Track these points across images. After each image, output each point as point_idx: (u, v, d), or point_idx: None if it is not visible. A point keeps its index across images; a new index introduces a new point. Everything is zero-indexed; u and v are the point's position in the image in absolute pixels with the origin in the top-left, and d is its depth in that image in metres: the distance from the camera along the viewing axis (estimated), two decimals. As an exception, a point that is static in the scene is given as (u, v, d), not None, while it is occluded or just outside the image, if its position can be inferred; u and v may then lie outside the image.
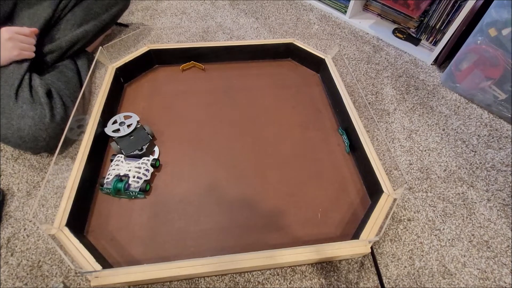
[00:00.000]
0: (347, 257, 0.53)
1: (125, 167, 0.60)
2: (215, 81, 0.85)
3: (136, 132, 0.67)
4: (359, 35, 1.06)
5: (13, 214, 0.59)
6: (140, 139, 0.66)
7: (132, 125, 0.68)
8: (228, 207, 0.60)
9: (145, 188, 0.59)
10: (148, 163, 0.62)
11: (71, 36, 0.78)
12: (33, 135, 0.62)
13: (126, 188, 0.58)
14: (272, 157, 0.68)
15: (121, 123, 0.68)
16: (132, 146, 0.64)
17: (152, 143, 0.67)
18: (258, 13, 1.14)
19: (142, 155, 0.64)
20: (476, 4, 0.78)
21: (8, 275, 0.51)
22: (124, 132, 0.66)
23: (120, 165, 0.61)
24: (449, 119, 0.80)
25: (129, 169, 0.60)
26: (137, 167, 0.61)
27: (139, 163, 0.62)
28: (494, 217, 0.62)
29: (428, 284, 0.53)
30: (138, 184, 0.59)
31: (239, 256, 0.47)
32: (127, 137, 0.66)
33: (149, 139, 0.66)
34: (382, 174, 0.58)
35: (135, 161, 0.62)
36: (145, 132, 0.67)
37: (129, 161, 0.62)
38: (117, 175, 0.59)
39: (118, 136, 0.66)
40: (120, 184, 0.57)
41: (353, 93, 0.84)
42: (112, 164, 0.61)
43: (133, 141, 0.65)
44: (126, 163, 0.61)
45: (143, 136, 0.66)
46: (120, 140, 0.65)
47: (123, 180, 0.58)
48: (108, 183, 0.58)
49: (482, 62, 0.78)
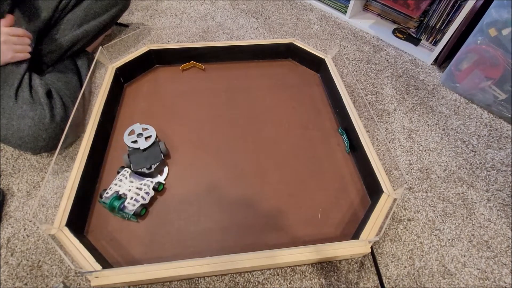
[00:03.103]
0: (347, 257, 0.53)
1: (127, 185, 0.58)
2: (215, 81, 0.85)
3: (150, 148, 0.64)
4: (359, 35, 1.06)
5: (13, 214, 0.59)
6: (152, 157, 0.62)
7: (150, 138, 0.65)
8: (228, 207, 0.60)
9: (140, 213, 0.56)
10: (151, 186, 0.58)
11: (71, 36, 0.78)
12: (33, 135, 0.62)
13: (120, 208, 0.55)
14: (272, 157, 0.68)
15: (139, 134, 0.66)
16: (142, 162, 0.61)
17: (163, 162, 0.63)
18: (258, 13, 1.14)
19: (149, 174, 0.60)
20: (476, 4, 0.78)
21: (8, 275, 0.51)
22: (141, 144, 0.63)
23: (123, 181, 0.58)
24: (449, 119, 0.80)
25: (129, 188, 0.57)
26: (138, 187, 0.58)
27: (141, 183, 0.58)
28: (494, 217, 0.62)
29: (428, 284, 0.53)
30: (133, 207, 0.55)
31: (239, 256, 0.47)
32: (140, 151, 0.63)
33: (160, 158, 0.62)
34: (382, 174, 0.58)
35: (139, 180, 0.59)
36: (158, 149, 0.64)
37: (134, 178, 0.59)
38: (116, 191, 0.56)
39: (132, 148, 0.63)
40: (117, 203, 0.54)
41: (353, 93, 0.84)
42: (116, 178, 0.59)
43: (145, 157, 0.62)
44: (129, 181, 0.58)
45: (156, 153, 0.63)
46: (132, 153, 0.63)
47: (121, 199, 0.56)
48: (107, 198, 0.55)
49: (482, 62, 0.78)
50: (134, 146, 0.63)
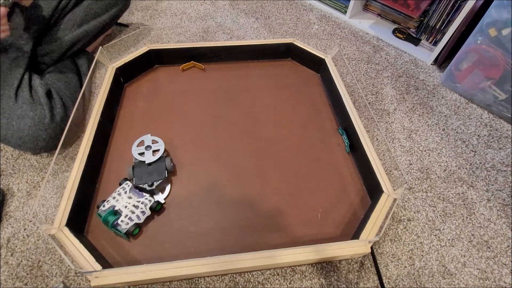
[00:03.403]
0: (347, 257, 0.53)
1: (124, 201, 0.55)
2: (215, 81, 0.85)
3: (156, 163, 0.61)
4: (359, 35, 1.06)
5: (13, 214, 0.59)
6: (156, 173, 0.60)
7: (158, 152, 0.63)
8: (228, 207, 0.60)
9: (132, 232, 0.54)
10: (148, 206, 0.56)
11: (71, 36, 0.78)
12: (33, 135, 0.62)
13: (114, 224, 0.53)
14: (272, 157, 0.68)
15: (147, 146, 0.64)
16: (145, 177, 0.59)
17: (166, 180, 0.61)
18: (258, 13, 1.14)
19: (150, 191, 0.58)
20: (476, 4, 0.78)
21: (8, 275, 0.51)
22: (148, 158, 0.62)
23: (122, 195, 0.56)
24: (449, 119, 0.80)
25: (126, 205, 0.55)
26: (135, 205, 0.55)
27: (139, 201, 0.56)
28: (494, 217, 0.62)
29: (428, 284, 0.53)
30: (126, 226, 0.53)
31: (239, 256, 0.47)
32: (145, 165, 0.61)
33: (164, 175, 0.60)
34: (382, 174, 0.58)
35: (138, 196, 0.56)
36: (164, 166, 0.61)
37: (133, 193, 0.56)
38: (113, 206, 0.54)
39: (138, 161, 0.62)
40: (111, 218, 0.53)
41: (353, 93, 0.84)
42: (116, 191, 0.57)
43: (149, 172, 0.60)
44: (127, 196, 0.56)
45: (161, 170, 0.60)
46: (137, 166, 0.61)
47: (117, 214, 0.54)
48: (102, 211, 0.54)
49: (482, 62, 0.78)
50: (140, 158, 0.62)
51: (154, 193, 0.59)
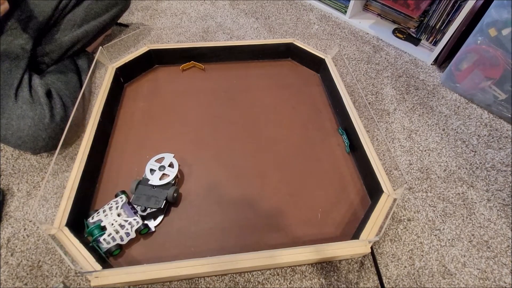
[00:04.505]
0: (347, 257, 0.53)
1: (112, 218, 0.52)
2: (215, 81, 0.85)
3: (159, 189, 0.58)
4: (359, 35, 1.06)
5: (13, 214, 0.59)
6: (154, 200, 0.56)
7: (167, 178, 0.59)
8: (228, 207, 0.60)
9: (113, 253, 0.51)
10: (134, 228, 0.53)
11: (71, 36, 0.78)
12: (32, 135, 0.62)
13: (96, 239, 0.51)
14: (272, 157, 0.68)
15: (161, 167, 0.61)
16: (142, 200, 0.56)
17: (161, 210, 0.56)
18: (258, 13, 1.14)
19: (142, 216, 0.55)
20: (476, 4, 0.78)
21: (8, 275, 0.51)
22: (155, 179, 0.58)
23: (112, 210, 0.53)
24: (449, 119, 0.80)
25: (112, 222, 0.52)
26: (121, 224, 0.52)
27: (127, 220, 0.53)
28: (494, 217, 0.62)
29: (428, 284, 0.53)
30: (107, 245, 0.51)
31: (239, 256, 0.47)
32: (150, 186, 0.58)
33: (160, 206, 0.55)
34: (382, 174, 0.58)
35: (128, 214, 0.53)
36: (165, 195, 0.57)
37: (124, 210, 0.54)
38: (100, 220, 0.52)
39: (146, 178, 0.59)
40: (96, 232, 0.51)
41: (353, 93, 0.84)
42: (108, 204, 0.55)
43: (148, 196, 0.56)
44: (117, 213, 0.53)
45: (160, 199, 0.56)
46: (142, 183, 0.58)
47: (102, 230, 0.52)
48: (90, 223, 0.52)
49: (482, 62, 0.78)
50: (148, 175, 0.59)
51: (145, 218, 0.56)
